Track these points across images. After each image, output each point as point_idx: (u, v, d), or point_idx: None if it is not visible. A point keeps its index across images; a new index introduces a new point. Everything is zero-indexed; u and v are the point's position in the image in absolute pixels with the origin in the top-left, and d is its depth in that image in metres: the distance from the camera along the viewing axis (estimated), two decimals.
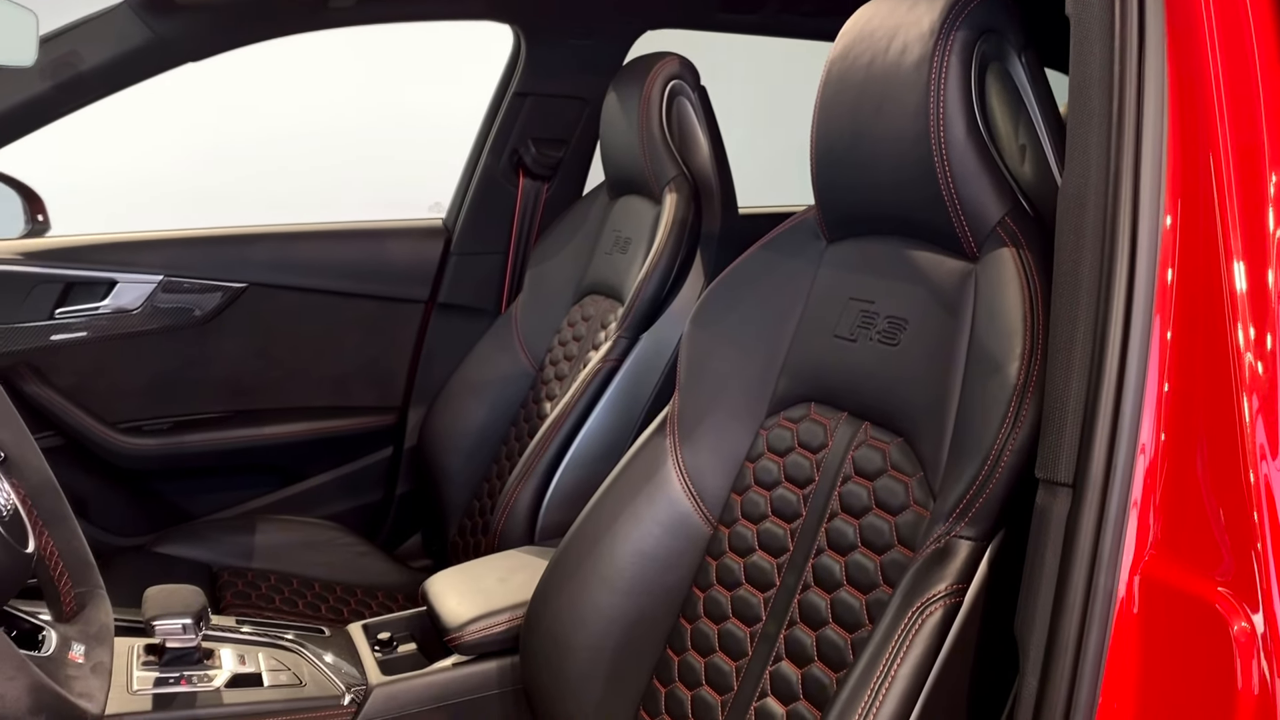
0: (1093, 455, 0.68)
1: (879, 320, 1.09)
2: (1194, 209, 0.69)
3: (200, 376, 2.12)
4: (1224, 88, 0.67)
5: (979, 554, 0.85)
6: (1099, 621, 0.66)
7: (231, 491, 2.19)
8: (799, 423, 1.18)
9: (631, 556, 1.24)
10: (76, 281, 1.99)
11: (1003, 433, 0.84)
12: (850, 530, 1.06)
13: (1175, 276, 0.69)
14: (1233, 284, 0.65)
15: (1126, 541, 0.67)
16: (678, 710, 1.18)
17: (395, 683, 1.33)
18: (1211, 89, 0.68)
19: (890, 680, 0.84)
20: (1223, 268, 0.66)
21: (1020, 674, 0.70)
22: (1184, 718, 0.65)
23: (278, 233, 2.19)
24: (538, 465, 1.68)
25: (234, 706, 1.24)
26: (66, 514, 1.01)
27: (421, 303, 2.28)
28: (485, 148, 2.23)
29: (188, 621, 1.26)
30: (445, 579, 1.49)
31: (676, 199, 1.75)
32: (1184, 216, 0.69)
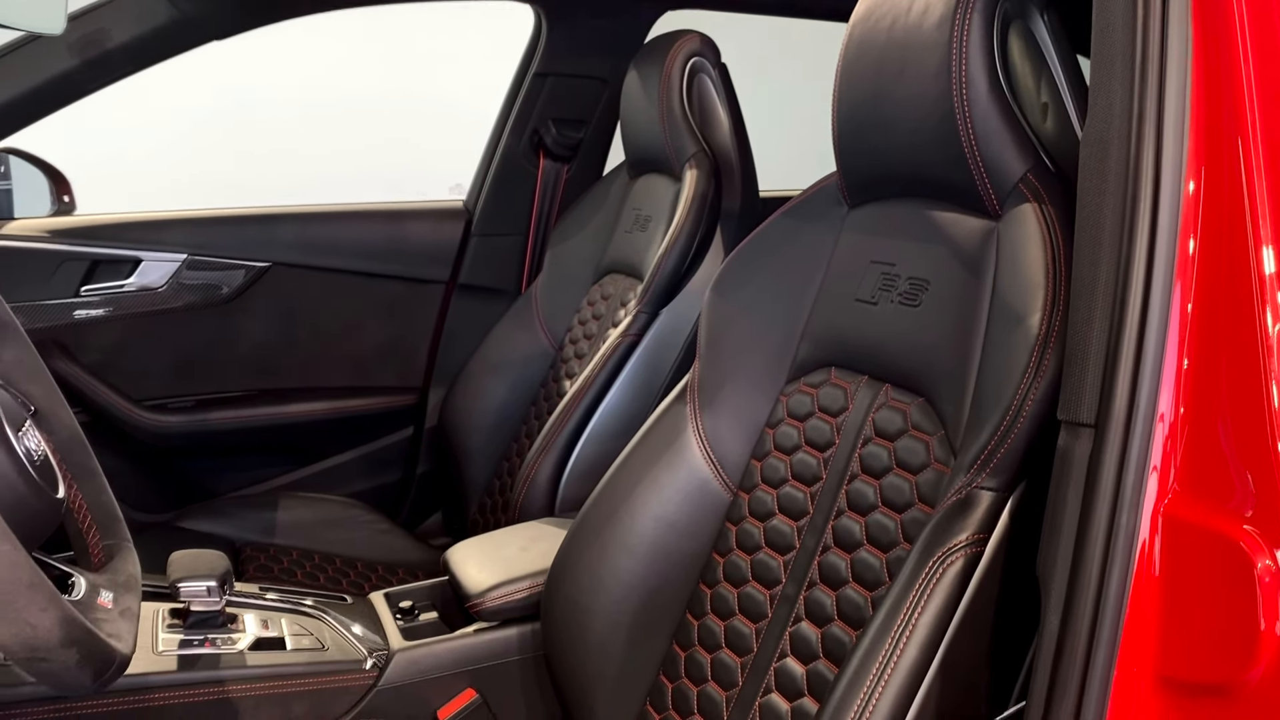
0: (1115, 395, 0.68)
1: (900, 282, 1.09)
2: (1218, 146, 0.69)
3: (223, 355, 2.14)
4: (1248, 26, 0.67)
5: (1000, 504, 0.85)
6: (1121, 560, 0.66)
7: (254, 470, 2.21)
8: (819, 387, 1.18)
9: (651, 522, 1.24)
10: (102, 259, 2.01)
11: (1024, 382, 0.84)
12: (870, 491, 1.07)
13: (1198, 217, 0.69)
14: (1257, 215, 0.65)
15: (1149, 480, 0.67)
16: (697, 673, 1.18)
17: (417, 648, 1.34)
18: (1235, 28, 0.68)
19: (911, 629, 0.84)
20: (1246, 204, 0.66)
21: (1042, 614, 0.70)
22: (1207, 654, 0.65)
23: (301, 213, 2.20)
24: (557, 439, 1.69)
25: (257, 668, 1.25)
26: (95, 469, 1.03)
27: (442, 283, 2.29)
28: (506, 129, 2.24)
29: (212, 584, 1.27)
30: (466, 548, 1.50)
31: (697, 175, 1.75)
32: (1208, 155, 0.69)
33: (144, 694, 1.19)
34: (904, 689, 0.83)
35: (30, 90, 1.77)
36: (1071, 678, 0.66)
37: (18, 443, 0.81)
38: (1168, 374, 0.67)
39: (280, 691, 1.25)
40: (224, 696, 1.22)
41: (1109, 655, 0.66)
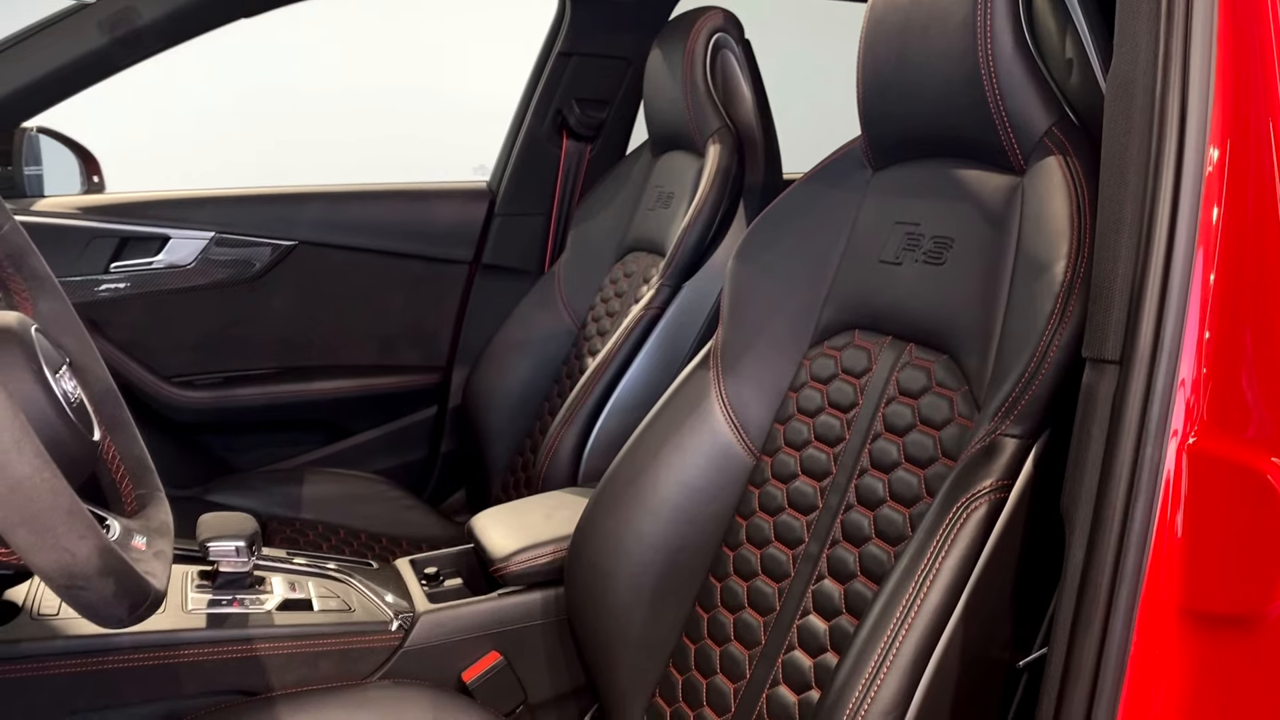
0: (1140, 331, 0.68)
1: (924, 241, 1.10)
2: (1244, 92, 0.69)
3: (250, 333, 2.16)
4: None
5: (1025, 451, 0.86)
6: (1145, 493, 0.66)
7: (280, 446, 2.23)
8: (842, 350, 1.19)
9: (674, 486, 1.25)
10: (131, 236, 2.03)
11: (1049, 328, 0.84)
12: (894, 448, 1.07)
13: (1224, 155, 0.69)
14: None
15: (1174, 414, 0.67)
16: (720, 633, 1.19)
17: (442, 610, 1.35)
18: None
19: (934, 575, 0.84)
20: (1272, 140, 0.66)
21: (1066, 549, 0.70)
22: (1231, 587, 0.66)
23: (327, 192, 2.22)
24: (580, 411, 1.70)
25: (285, 627, 1.27)
26: (127, 420, 1.04)
27: (466, 263, 2.30)
28: (529, 109, 2.25)
29: (241, 544, 1.29)
30: (491, 515, 1.51)
31: (720, 150, 1.76)
32: (1234, 99, 0.69)
33: (173, 650, 1.20)
34: (927, 634, 0.83)
35: (60, 68, 1.79)
36: (1095, 611, 0.67)
37: (55, 384, 0.82)
38: (1193, 309, 0.68)
39: (307, 650, 1.26)
40: (252, 654, 1.24)
41: (1133, 588, 0.66)
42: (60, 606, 1.21)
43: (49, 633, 1.16)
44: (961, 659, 0.83)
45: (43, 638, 1.15)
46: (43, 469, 0.66)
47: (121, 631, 1.19)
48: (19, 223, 0.99)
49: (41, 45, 1.77)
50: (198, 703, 1.21)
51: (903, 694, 0.82)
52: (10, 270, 0.97)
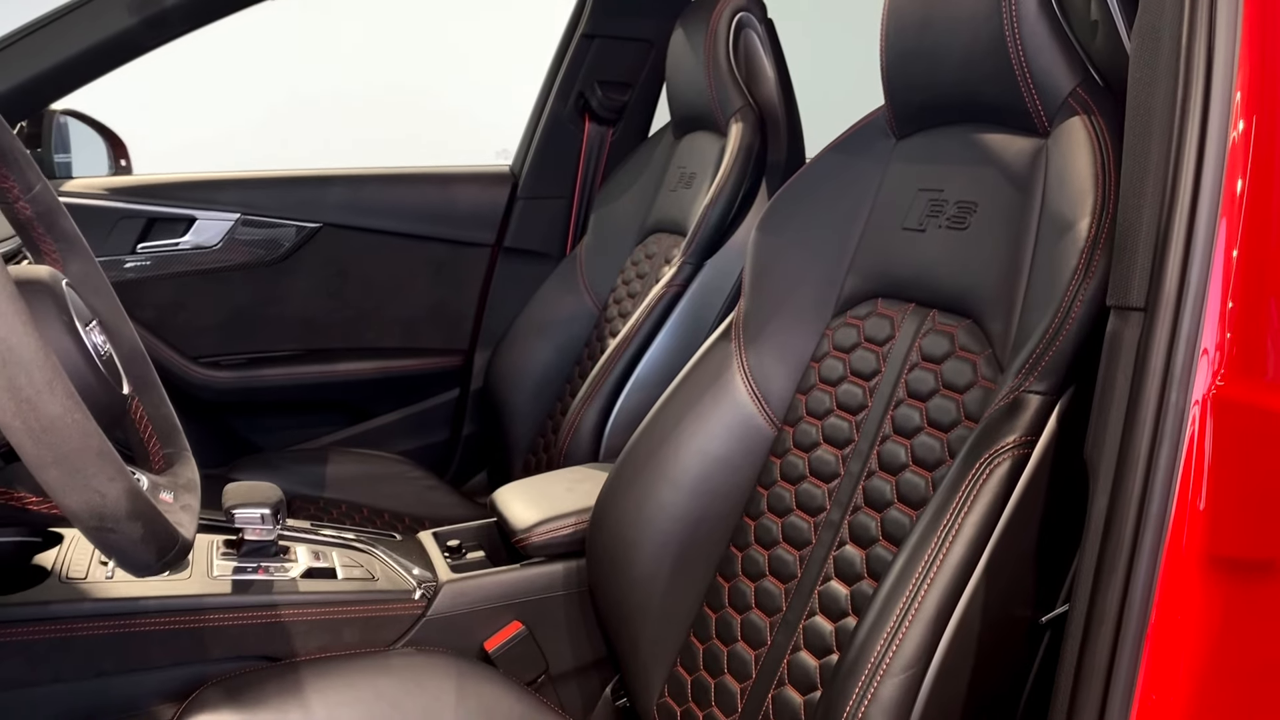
0: (1165, 277, 0.68)
1: (948, 206, 1.09)
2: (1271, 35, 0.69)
3: (275, 314, 2.18)
4: None
5: (1049, 408, 0.85)
6: (1170, 438, 0.66)
7: (304, 428, 2.25)
8: (865, 319, 1.18)
9: (695, 457, 1.25)
10: (158, 217, 2.05)
11: (1073, 284, 0.84)
12: (916, 414, 1.07)
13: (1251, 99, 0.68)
14: None
15: (1199, 361, 0.67)
16: (741, 601, 1.19)
17: (464, 580, 1.36)
18: None
19: (957, 530, 0.84)
20: None
21: (1089, 498, 0.70)
22: (1256, 531, 0.65)
23: (351, 175, 2.24)
24: (602, 388, 1.70)
25: (309, 595, 1.28)
26: (155, 381, 1.06)
27: (488, 247, 2.31)
28: (552, 91, 2.26)
29: (266, 512, 1.30)
30: (513, 488, 1.52)
31: (742, 128, 1.76)
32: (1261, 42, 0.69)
33: (198, 615, 1.22)
34: (949, 590, 0.83)
35: (87, 50, 1.80)
36: (1119, 557, 0.66)
37: (85, 337, 0.83)
38: (1218, 255, 0.67)
39: (331, 618, 1.27)
40: (276, 620, 1.25)
41: (1157, 534, 0.66)
42: (89, 570, 1.23)
43: (77, 595, 1.18)
44: (984, 615, 0.83)
45: (71, 600, 1.17)
46: (73, 410, 0.67)
47: (148, 595, 1.21)
48: None
49: (68, 27, 1.79)
50: (223, 667, 1.22)
51: (924, 649, 0.82)
52: (41, 230, 0.98)
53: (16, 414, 0.65)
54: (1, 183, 0.95)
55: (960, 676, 0.83)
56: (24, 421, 0.65)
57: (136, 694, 1.19)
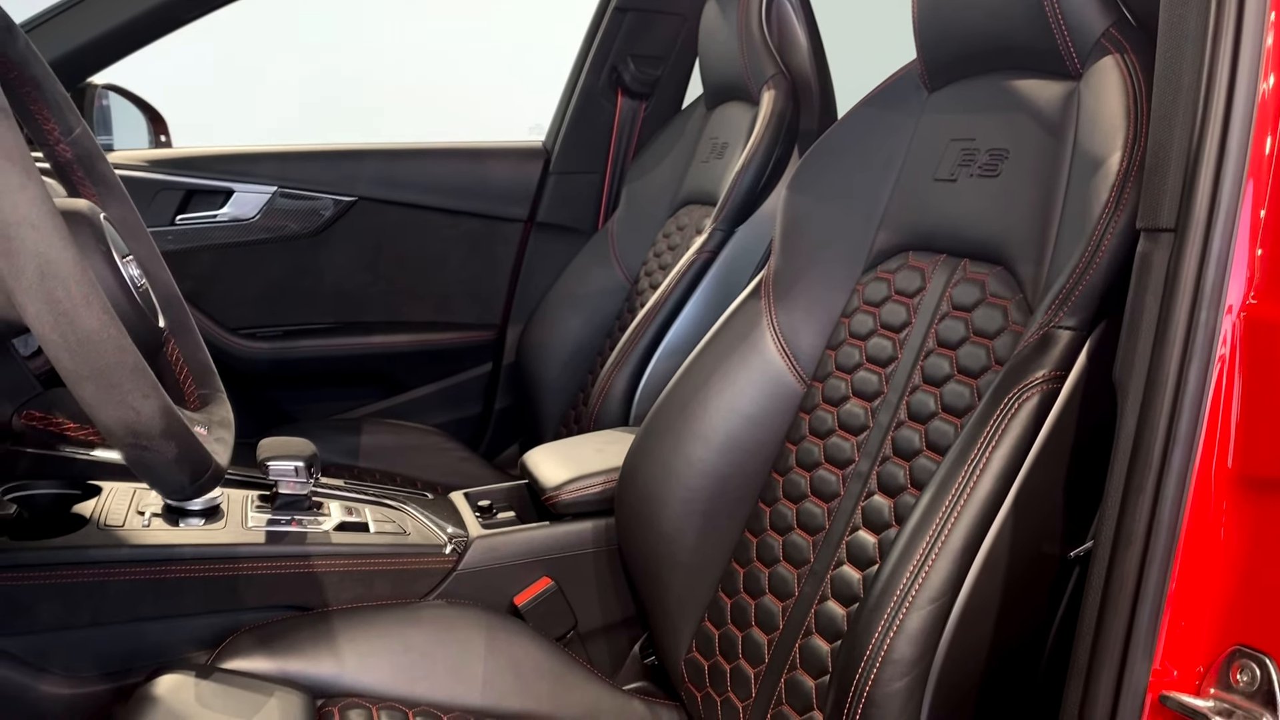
0: (1196, 196, 0.67)
1: (980, 155, 1.09)
2: None
3: (310, 286, 2.20)
4: None
5: (1079, 343, 0.85)
6: (1199, 356, 0.65)
7: (338, 400, 2.27)
8: (896, 272, 1.18)
9: (724, 413, 1.25)
10: (197, 189, 2.08)
11: (1104, 217, 0.83)
12: (946, 362, 1.06)
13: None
14: None
15: (1229, 280, 0.66)
16: (768, 555, 1.19)
17: (495, 535, 1.37)
18: None
19: (984, 464, 0.84)
20: None
21: (1118, 419, 0.69)
22: None
23: (386, 149, 2.26)
24: (632, 353, 1.71)
25: (341, 546, 1.29)
26: (191, 326, 1.07)
27: (521, 222, 2.32)
28: (585, 65, 2.27)
29: (300, 465, 1.32)
30: (543, 450, 1.53)
31: (775, 95, 1.76)
32: None
33: (233, 563, 1.24)
34: (977, 523, 0.83)
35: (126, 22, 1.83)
36: (1147, 476, 0.66)
37: (123, 268, 0.85)
38: (1250, 172, 0.66)
39: (363, 569, 1.29)
40: (309, 570, 1.27)
41: (1186, 452, 0.65)
42: (125, 519, 1.25)
43: (114, 541, 1.20)
44: (1011, 550, 0.83)
45: (108, 545, 1.19)
46: (109, 325, 0.68)
47: (183, 543, 1.23)
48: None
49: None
50: (256, 616, 1.23)
51: (951, 581, 0.82)
52: (80, 174, 1.00)
53: (54, 327, 0.67)
54: (43, 125, 0.97)
55: (987, 610, 0.82)
56: (61, 335, 0.67)
57: (171, 640, 1.21)
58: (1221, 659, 0.65)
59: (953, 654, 0.82)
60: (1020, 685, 0.85)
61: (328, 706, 1.11)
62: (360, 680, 1.15)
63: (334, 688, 1.14)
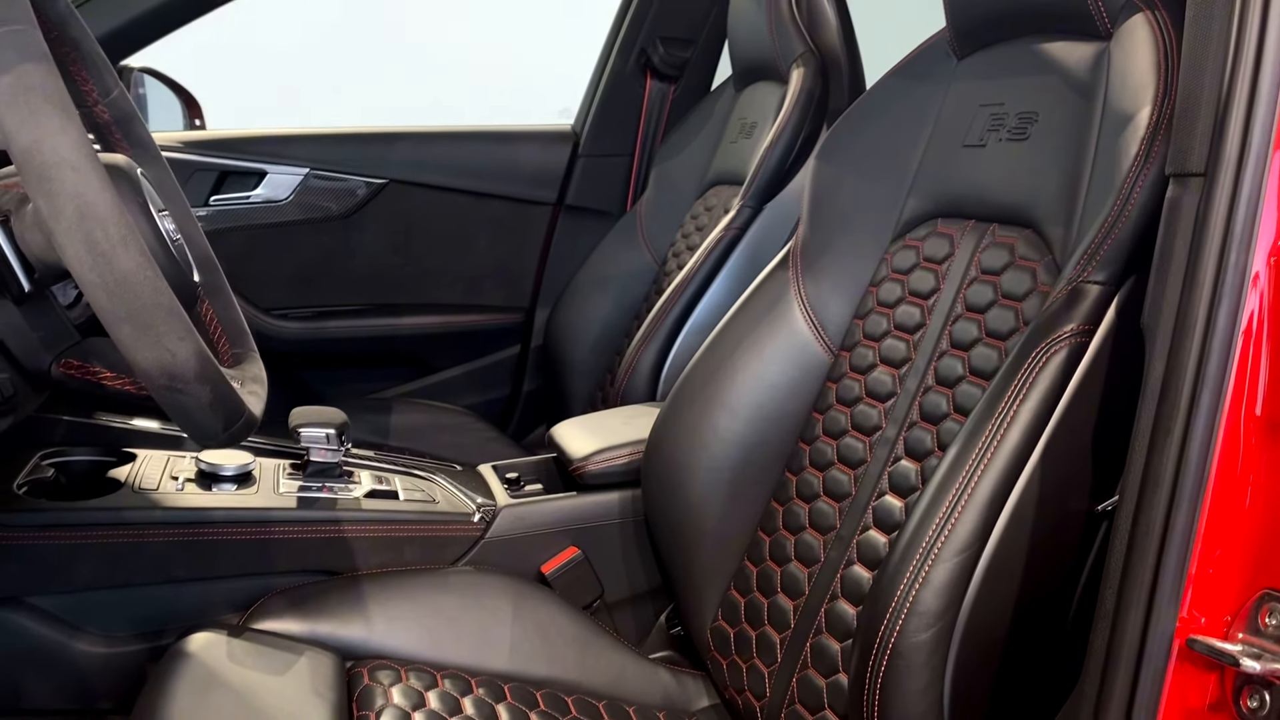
0: (1226, 140, 0.67)
1: (1009, 119, 1.08)
2: None
3: (342, 267, 2.22)
4: None
5: (1108, 298, 0.84)
6: (1229, 298, 0.65)
7: (368, 381, 2.30)
8: (924, 240, 1.18)
9: (751, 383, 1.25)
10: (230, 171, 2.11)
11: (1133, 170, 0.83)
12: (974, 326, 1.06)
13: None
14: None
15: (1260, 224, 0.65)
16: (795, 523, 1.19)
17: (523, 505, 1.38)
18: None
19: (1012, 417, 0.84)
20: None
21: (1147, 362, 0.69)
22: None
23: (417, 132, 2.28)
24: (660, 329, 1.71)
25: (371, 512, 1.31)
26: (225, 287, 1.09)
27: (549, 205, 2.34)
28: (614, 49, 2.28)
29: (331, 432, 1.33)
30: (570, 423, 1.54)
31: (804, 73, 1.75)
32: None
33: (264, 526, 1.25)
34: (1004, 475, 0.83)
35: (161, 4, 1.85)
36: (1175, 418, 0.65)
37: (159, 221, 0.87)
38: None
39: (392, 535, 1.30)
40: (339, 535, 1.28)
41: (1215, 394, 0.65)
42: (160, 482, 1.27)
43: (149, 504, 1.22)
44: (1039, 503, 0.82)
45: (143, 507, 1.21)
46: (146, 267, 0.70)
47: (216, 506, 1.25)
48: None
49: None
50: (287, 580, 1.25)
51: (978, 534, 0.82)
52: (118, 135, 1.02)
53: (93, 267, 0.68)
54: (81, 85, 0.98)
55: (1014, 564, 0.82)
56: (99, 275, 0.68)
57: (204, 603, 1.23)
58: (1250, 603, 0.65)
59: (979, 607, 0.81)
60: (1047, 640, 0.85)
61: (357, 668, 1.12)
62: (389, 643, 1.17)
63: (363, 650, 1.16)
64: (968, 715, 0.82)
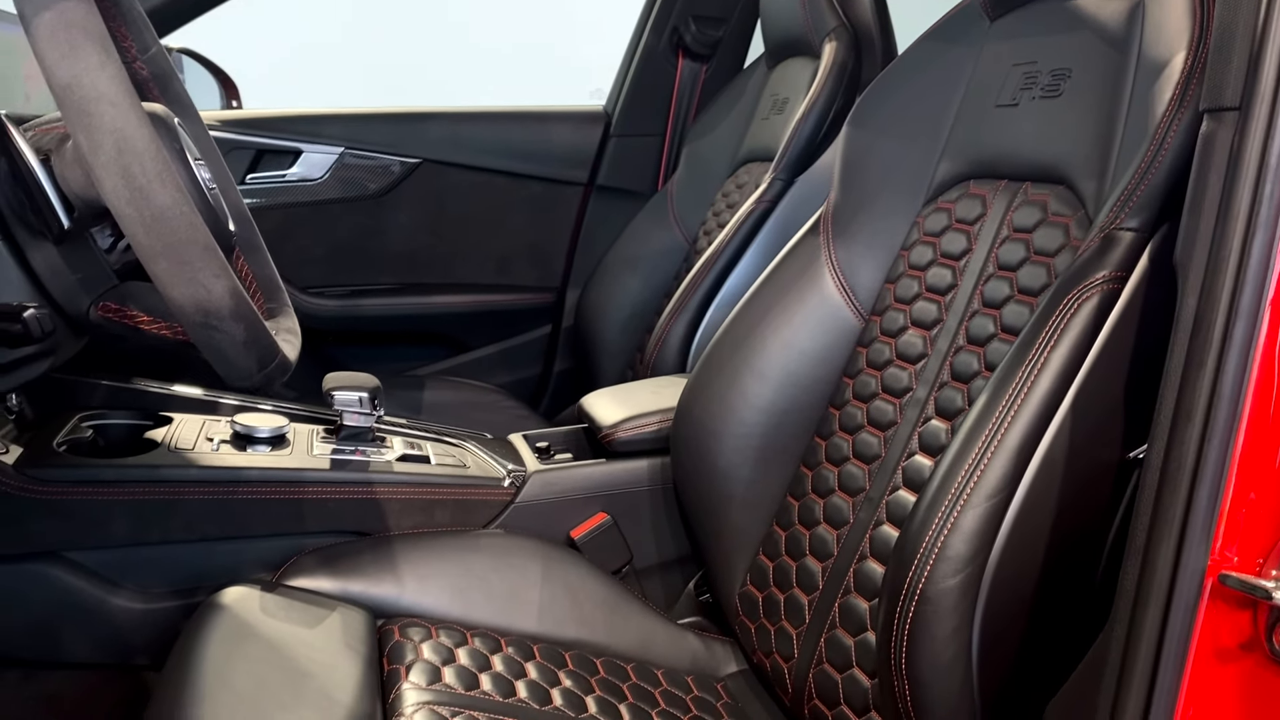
0: (1261, 74, 0.66)
1: (1042, 77, 1.08)
2: None
3: (376, 247, 2.24)
4: None
5: (1141, 245, 0.84)
6: (1264, 229, 0.64)
7: (401, 360, 2.31)
8: (956, 202, 1.17)
9: (781, 349, 1.25)
10: (266, 149, 2.13)
11: (1168, 115, 0.82)
12: (1006, 284, 1.05)
13: None
14: None
15: None
16: (824, 486, 1.18)
17: (552, 470, 1.39)
18: None
19: (1043, 363, 0.83)
20: None
21: (1179, 299, 0.68)
22: None
23: (450, 112, 2.29)
24: (690, 301, 1.71)
25: (404, 475, 1.32)
26: (260, 245, 1.10)
27: (581, 185, 2.34)
28: (646, 28, 2.28)
29: (364, 395, 1.34)
30: (600, 393, 1.54)
31: (836, 46, 1.75)
32: None
33: (298, 486, 1.27)
34: (1035, 422, 0.82)
35: None
36: (1208, 353, 0.65)
37: (196, 169, 0.88)
38: None
39: (424, 498, 1.31)
40: (371, 496, 1.29)
41: (1249, 327, 0.64)
42: (196, 443, 1.28)
43: (184, 462, 1.24)
44: (1070, 449, 0.82)
45: (179, 465, 1.23)
46: (182, 203, 0.71)
47: (250, 465, 1.26)
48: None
49: None
50: (319, 540, 1.26)
51: (1008, 479, 0.81)
52: (156, 92, 1.04)
53: (130, 201, 0.69)
54: (121, 41, 1.00)
55: (1045, 510, 0.82)
56: (137, 209, 0.70)
57: (238, 561, 1.25)
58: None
59: (1009, 554, 0.81)
60: (1077, 590, 0.84)
61: (388, 625, 1.13)
62: (420, 602, 1.18)
63: (394, 608, 1.17)
64: (996, 662, 0.82)
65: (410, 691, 1.01)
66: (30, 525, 1.18)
